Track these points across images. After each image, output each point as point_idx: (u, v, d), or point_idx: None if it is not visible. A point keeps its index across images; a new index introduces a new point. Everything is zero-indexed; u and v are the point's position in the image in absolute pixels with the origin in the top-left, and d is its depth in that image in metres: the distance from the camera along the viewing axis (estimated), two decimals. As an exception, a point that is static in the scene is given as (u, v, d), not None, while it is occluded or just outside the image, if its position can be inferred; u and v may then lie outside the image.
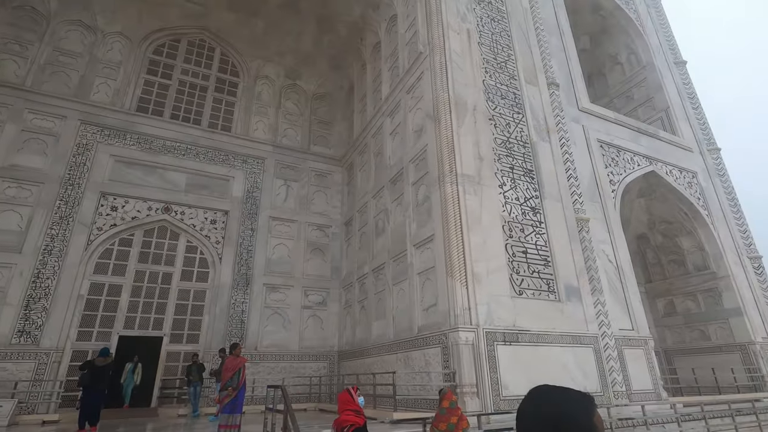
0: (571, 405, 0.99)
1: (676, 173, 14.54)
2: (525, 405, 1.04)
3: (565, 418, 0.97)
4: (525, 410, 1.03)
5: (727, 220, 14.77)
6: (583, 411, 0.98)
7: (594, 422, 0.97)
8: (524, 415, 1.02)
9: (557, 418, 0.97)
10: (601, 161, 12.64)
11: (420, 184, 10.87)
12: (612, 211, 11.92)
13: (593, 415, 0.98)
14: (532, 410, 1.01)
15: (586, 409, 0.99)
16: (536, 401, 1.02)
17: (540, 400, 1.02)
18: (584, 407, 0.99)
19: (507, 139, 10.76)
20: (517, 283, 9.11)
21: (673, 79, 17.15)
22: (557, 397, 1.02)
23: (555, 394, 1.02)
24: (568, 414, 0.98)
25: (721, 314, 13.81)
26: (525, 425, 1.01)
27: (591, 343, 9.37)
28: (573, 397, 1.00)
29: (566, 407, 0.99)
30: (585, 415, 0.97)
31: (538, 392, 1.04)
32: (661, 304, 15.71)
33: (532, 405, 1.02)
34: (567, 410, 0.98)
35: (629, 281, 11.17)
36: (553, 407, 0.99)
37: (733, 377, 12.79)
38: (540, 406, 1.01)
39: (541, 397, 1.02)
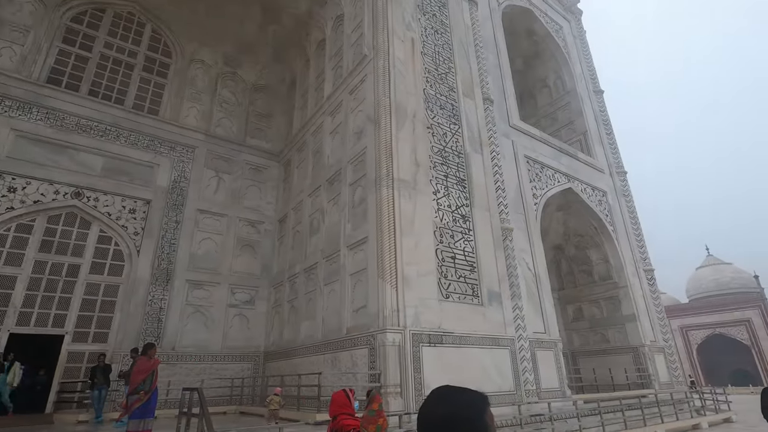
0: (465, 405, 1.07)
1: (589, 191, 16.04)
2: (424, 406, 1.10)
3: (460, 417, 1.04)
4: (424, 411, 1.09)
5: (629, 236, 16.58)
6: (475, 411, 1.06)
7: (486, 420, 1.05)
8: (423, 416, 1.08)
9: (452, 418, 1.04)
10: (527, 176, 13.58)
11: (357, 186, 10.92)
12: (533, 223, 12.85)
13: (485, 414, 1.07)
14: (430, 411, 1.07)
15: (479, 409, 1.07)
16: (434, 402, 1.08)
17: (438, 401, 1.08)
18: (478, 407, 1.07)
19: (443, 148, 11.17)
20: (444, 287, 9.48)
21: (591, 106, 18.91)
22: (453, 399, 1.08)
23: (451, 395, 1.09)
24: (462, 414, 1.05)
25: (619, 320, 15.44)
26: (424, 425, 1.06)
27: (508, 345, 10.01)
28: (468, 398, 1.08)
29: (461, 407, 1.06)
30: (478, 414, 1.05)
31: (437, 394, 1.10)
32: (570, 309, 17.20)
33: (431, 406, 1.08)
34: (461, 410, 1.05)
35: (545, 288, 12.10)
36: (449, 408, 1.06)
37: (625, 376, 14.35)
38: (438, 407, 1.07)
39: (439, 399, 1.09)
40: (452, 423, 1.03)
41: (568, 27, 20.40)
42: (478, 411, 1.07)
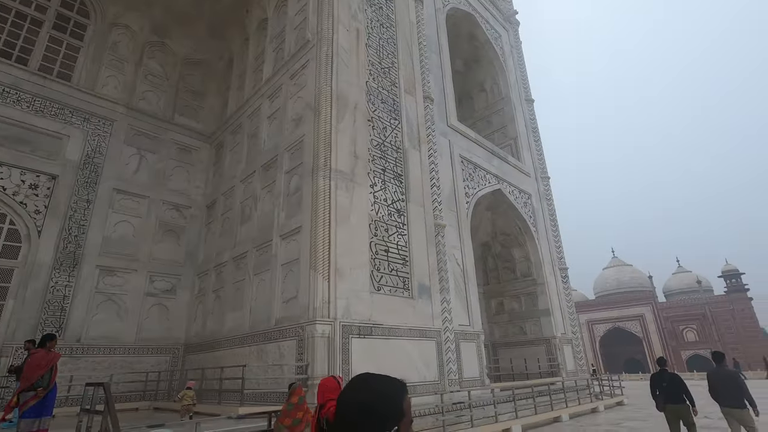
0: (383, 392, 1.09)
1: (516, 193, 17.06)
2: (344, 393, 1.11)
3: (377, 404, 1.07)
4: (343, 398, 1.10)
5: (548, 237, 17.92)
6: (393, 398, 1.09)
7: (403, 407, 1.09)
8: (342, 403, 1.09)
9: (370, 405, 1.06)
10: (461, 175, 14.11)
11: (293, 174, 10.64)
12: (464, 220, 13.40)
13: (403, 401, 1.10)
14: (349, 397, 1.09)
15: (397, 397, 1.10)
16: (354, 389, 1.10)
17: (357, 388, 1.11)
18: (396, 394, 1.10)
19: (383, 142, 11.23)
20: (377, 279, 9.58)
21: (523, 113, 20.08)
22: (372, 386, 1.11)
23: (371, 382, 1.11)
24: (380, 401, 1.08)
25: (535, 314, 16.68)
26: (342, 411, 1.08)
27: (434, 337, 10.38)
28: (387, 385, 1.11)
29: (379, 395, 1.09)
30: (395, 401, 1.08)
31: (356, 381, 1.12)
32: (494, 303, 18.25)
33: (350, 393, 1.10)
34: (380, 397, 1.08)
35: (472, 283, 12.69)
36: (367, 394, 1.08)
37: (538, 365, 15.56)
38: (357, 393, 1.09)
39: (359, 385, 1.11)
40: (369, 409, 1.06)
41: (506, 36, 21.43)
42: (396, 399, 1.10)
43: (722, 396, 6.30)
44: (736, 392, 6.17)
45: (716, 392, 6.40)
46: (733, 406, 6.17)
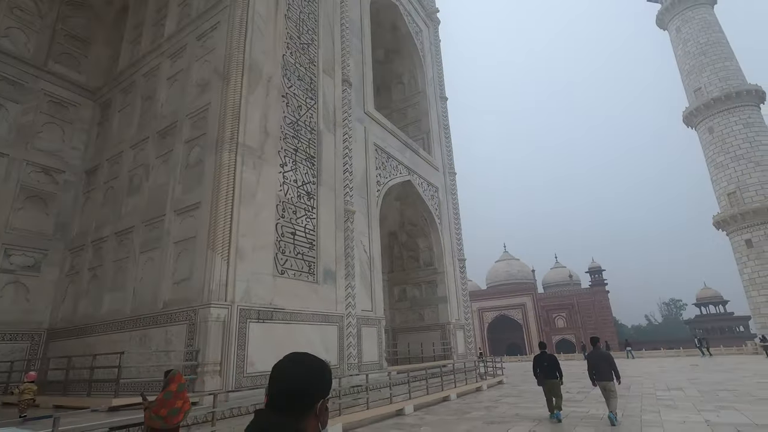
0: (320, 365, 1.16)
1: (425, 186, 17.74)
2: (282, 367, 1.13)
3: (317, 375, 1.13)
4: (282, 370, 1.12)
5: (451, 229, 19.00)
6: (326, 372, 1.16)
7: (330, 381, 1.19)
8: (281, 374, 1.11)
9: (311, 375, 1.12)
10: (374, 163, 14.21)
11: (195, 145, 9.71)
12: (374, 208, 13.56)
13: (331, 376, 1.20)
14: (290, 369, 1.12)
15: (328, 370, 1.18)
16: (293, 362, 1.14)
17: (296, 361, 1.14)
18: (327, 368, 1.18)
19: (296, 120, 10.79)
20: (281, 262, 9.23)
21: (436, 109, 20.88)
22: (309, 359, 1.16)
23: (306, 356, 1.17)
24: (318, 373, 1.14)
25: (434, 301, 17.65)
26: (282, 382, 1.10)
27: (337, 322, 10.38)
28: (319, 360, 1.18)
29: (318, 366, 1.15)
30: (328, 374, 1.16)
31: (293, 356, 1.16)
32: (396, 290, 18.89)
33: (290, 365, 1.13)
34: (317, 370, 1.14)
35: (377, 270, 12.94)
36: (308, 366, 1.14)
37: (433, 349, 16.53)
38: (297, 365, 1.13)
39: (297, 359, 1.15)
40: (310, 379, 1.11)
41: (426, 32, 21.98)
42: (328, 373, 1.17)
43: (599, 373, 7.80)
44: (607, 368, 7.73)
45: (595, 370, 7.87)
46: (605, 379, 7.67)
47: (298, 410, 1.08)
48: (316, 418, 1.10)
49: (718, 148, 36.46)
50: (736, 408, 8.65)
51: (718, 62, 38.19)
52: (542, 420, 8.41)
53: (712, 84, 37.70)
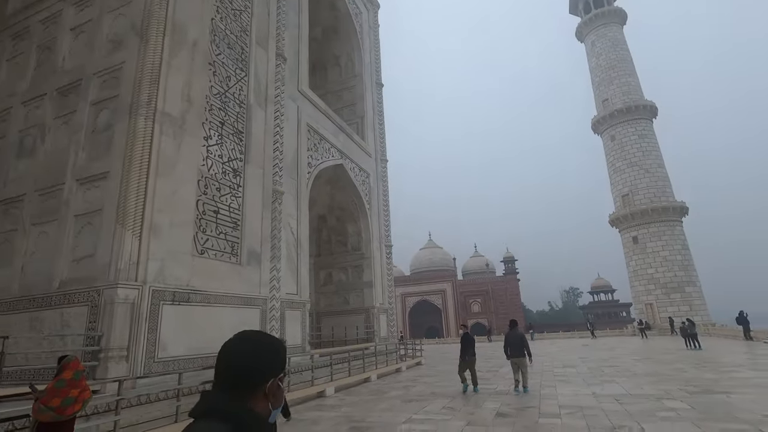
0: (272, 342, 1.10)
1: (357, 171, 17.73)
2: (232, 344, 1.06)
3: (267, 352, 1.06)
4: (231, 348, 1.05)
5: (380, 215, 19.26)
6: (279, 349, 1.10)
7: (285, 359, 1.13)
8: (230, 352, 1.05)
9: (261, 352, 1.05)
10: (306, 144, 13.86)
11: (104, 108, 8.69)
12: (304, 190, 13.27)
13: (285, 354, 1.14)
14: (239, 347, 1.05)
15: (282, 347, 1.12)
16: (243, 340, 1.07)
17: (247, 338, 1.08)
18: (281, 345, 1.12)
19: (224, 92, 10.12)
20: (201, 241, 8.70)
21: (372, 95, 20.83)
22: (260, 336, 1.10)
23: (257, 334, 1.11)
24: (269, 349, 1.07)
25: (360, 285, 17.87)
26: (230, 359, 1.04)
27: (260, 305, 10.08)
28: (271, 338, 1.12)
29: (269, 344, 1.08)
30: (281, 351, 1.10)
31: (244, 334, 1.10)
32: (323, 274, 18.80)
33: (240, 342, 1.06)
34: (269, 347, 1.08)
35: (304, 253, 12.73)
36: (258, 343, 1.07)
37: (356, 333, 16.79)
38: (247, 342, 1.06)
39: (248, 336, 1.09)
40: (260, 356, 1.05)
41: (366, 15, 21.70)
42: (282, 350, 1.11)
43: (512, 350, 9.21)
44: (520, 346, 9.14)
45: (509, 347, 9.28)
46: (517, 356, 9.11)
47: (242, 389, 1.01)
48: (266, 398, 1.04)
49: (617, 155, 40.96)
50: (617, 382, 9.97)
51: (623, 77, 42.65)
52: (456, 397, 8.99)
53: (616, 96, 42.05)
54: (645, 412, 6.57)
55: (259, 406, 1.02)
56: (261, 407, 1.03)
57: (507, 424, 6.27)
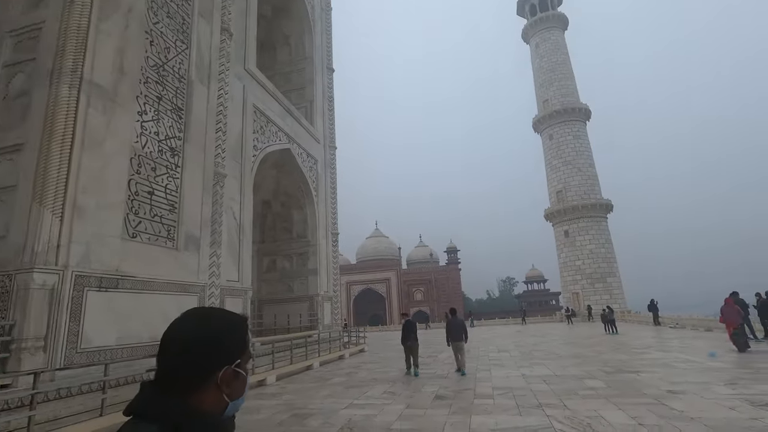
0: (231, 321, 0.94)
1: (304, 156, 17.36)
2: (179, 326, 0.89)
3: (224, 333, 0.90)
4: (179, 331, 0.88)
5: (327, 203, 19.06)
6: (237, 329, 0.93)
7: (246, 339, 0.96)
8: (176, 337, 0.87)
9: (216, 335, 0.88)
10: (252, 125, 13.32)
11: (18, 71, 7.75)
12: (248, 174, 12.78)
13: (246, 333, 0.97)
14: (187, 330, 0.88)
15: (242, 326, 0.95)
16: (182, 320, 0.90)
17: (199, 316, 0.91)
18: (241, 324, 0.95)
19: (163, 64, 9.42)
20: (133, 224, 8.11)
21: (322, 79, 20.40)
22: (216, 314, 0.93)
23: (212, 310, 0.94)
24: (226, 331, 0.91)
25: (304, 273, 17.64)
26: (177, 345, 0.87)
27: (198, 292, 9.64)
28: (229, 315, 0.96)
29: (226, 324, 0.92)
30: (240, 331, 0.93)
31: (194, 313, 0.93)
32: (266, 261, 18.33)
33: (190, 324, 0.89)
34: (225, 328, 0.91)
35: (247, 239, 12.31)
36: (214, 323, 0.90)
37: (299, 320, 16.61)
38: (190, 322, 0.89)
39: (200, 314, 0.92)
40: (215, 340, 0.88)
41: (318, -3, 21.10)
42: (241, 329, 0.94)
43: (453, 335, 10.09)
44: (460, 332, 10.06)
45: (450, 333, 10.14)
46: (457, 340, 10.00)
47: (184, 381, 0.84)
48: (218, 389, 0.86)
49: (554, 153, 43.55)
50: (544, 364, 10.74)
51: (562, 80, 45.22)
52: (396, 381, 9.23)
53: (555, 98, 44.55)
54: (568, 391, 7.15)
55: (207, 401, 0.85)
56: (211, 402, 0.86)
57: (444, 406, 6.55)
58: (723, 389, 6.70)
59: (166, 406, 0.81)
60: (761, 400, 5.88)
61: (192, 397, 0.84)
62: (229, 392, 0.87)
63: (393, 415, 6.16)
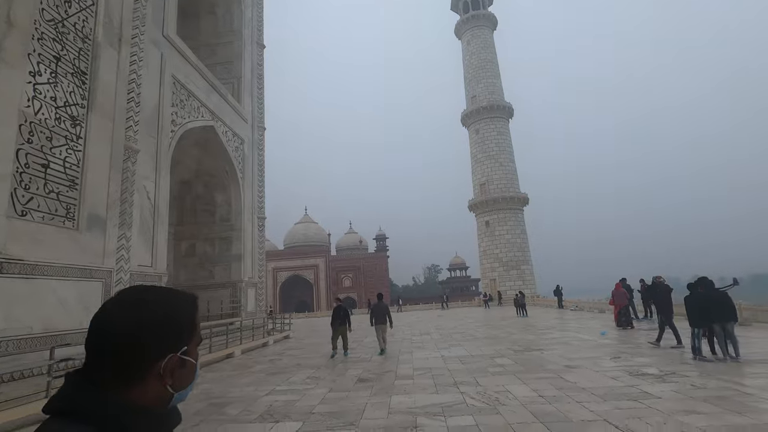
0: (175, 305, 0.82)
1: (230, 135, 16.43)
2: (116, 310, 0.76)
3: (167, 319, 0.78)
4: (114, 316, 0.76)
5: (253, 186, 18.30)
6: (184, 312, 0.82)
7: (195, 322, 0.86)
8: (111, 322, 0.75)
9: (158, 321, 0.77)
10: (170, 98, 12.28)
11: None
12: (165, 151, 11.81)
13: (195, 315, 0.87)
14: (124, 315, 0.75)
15: (190, 308, 0.85)
16: (116, 302, 0.78)
17: (125, 297, 0.79)
18: (189, 306, 0.84)
19: (62, 20, 8.27)
20: (22, 200, 7.13)
21: (252, 55, 19.35)
22: (150, 292, 0.81)
23: (151, 289, 0.82)
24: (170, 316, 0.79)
25: (228, 258, 16.85)
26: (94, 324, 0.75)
27: (103, 278, 8.78)
28: (174, 296, 0.83)
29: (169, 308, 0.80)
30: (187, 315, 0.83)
31: (128, 290, 0.81)
32: (184, 245, 17.20)
33: (111, 305, 0.77)
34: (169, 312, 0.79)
35: (162, 221, 11.43)
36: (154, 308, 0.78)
37: (221, 307, 15.90)
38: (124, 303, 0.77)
39: (127, 295, 0.80)
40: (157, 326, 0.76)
41: (249, -34, 19.85)
42: (190, 312, 0.83)
43: (375, 318, 10.83)
44: (384, 315, 10.76)
45: (375, 316, 10.86)
46: (381, 323, 10.77)
47: (122, 373, 0.73)
48: (159, 380, 0.75)
49: (479, 147, 45.83)
50: (461, 345, 11.44)
51: (490, 78, 47.51)
52: (321, 366, 9.26)
53: (482, 95, 46.73)
54: (481, 369, 7.70)
55: (147, 394, 0.74)
56: (150, 394, 0.75)
57: (367, 388, 6.72)
58: (609, 363, 7.66)
59: (102, 402, 0.70)
60: (637, 371, 6.82)
61: (131, 391, 0.73)
62: (173, 383, 0.77)
63: (315, 399, 6.19)
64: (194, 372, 0.82)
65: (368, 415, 5.21)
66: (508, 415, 4.87)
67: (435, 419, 4.88)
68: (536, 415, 4.80)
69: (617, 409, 4.83)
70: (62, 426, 0.68)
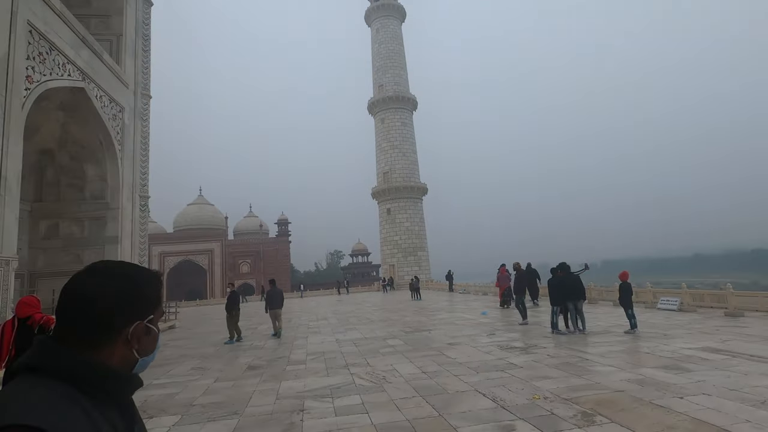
0: (144, 276, 0.89)
1: (105, 101, 14.38)
2: (89, 280, 0.82)
3: (138, 288, 0.85)
4: (86, 285, 0.81)
5: (135, 160, 16.34)
6: (152, 283, 0.89)
7: (160, 294, 0.92)
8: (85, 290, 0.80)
9: (130, 289, 0.84)
10: (24, 49, 10.27)
11: None
12: (18, 112, 9.90)
13: (161, 287, 0.93)
14: (97, 283, 0.81)
15: (156, 280, 0.91)
16: (88, 271, 0.83)
17: (95, 268, 0.85)
18: (155, 278, 0.91)
19: None
20: None
21: (136, 12, 17.08)
22: (127, 269, 0.87)
23: (120, 263, 0.89)
24: (141, 286, 0.86)
25: (101, 241, 14.88)
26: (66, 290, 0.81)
27: (-77, 262, 7.14)
28: (141, 269, 0.91)
29: (140, 278, 0.87)
30: (154, 286, 0.90)
31: (98, 263, 0.87)
32: (44, 225, 14.77)
33: (82, 274, 0.83)
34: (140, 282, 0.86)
35: (13, 196, 9.63)
36: (124, 278, 0.84)
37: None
38: (108, 277, 0.83)
39: (98, 266, 0.85)
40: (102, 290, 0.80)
41: None
42: (157, 284, 0.90)
43: (271, 303, 11.14)
44: (278, 300, 11.10)
45: (269, 301, 11.20)
46: (276, 308, 11.06)
47: (92, 337, 0.78)
48: (126, 345, 0.82)
49: (384, 136, 46.84)
50: (357, 329, 11.74)
51: (396, 69, 48.59)
52: (209, 356, 8.77)
53: (389, 85, 47.67)
54: (372, 351, 8.00)
55: (114, 357, 0.80)
56: (119, 358, 0.81)
57: (256, 375, 6.55)
58: (485, 339, 8.53)
59: (72, 361, 0.75)
60: (507, 345, 7.71)
61: (100, 353, 0.79)
62: (138, 348, 0.84)
63: (198, 391, 5.86)
64: (157, 340, 0.89)
65: (255, 403, 5.09)
66: (392, 391, 5.15)
67: (323, 401, 4.95)
68: (417, 389, 5.15)
69: (488, 379, 5.41)
70: (35, 382, 0.72)
